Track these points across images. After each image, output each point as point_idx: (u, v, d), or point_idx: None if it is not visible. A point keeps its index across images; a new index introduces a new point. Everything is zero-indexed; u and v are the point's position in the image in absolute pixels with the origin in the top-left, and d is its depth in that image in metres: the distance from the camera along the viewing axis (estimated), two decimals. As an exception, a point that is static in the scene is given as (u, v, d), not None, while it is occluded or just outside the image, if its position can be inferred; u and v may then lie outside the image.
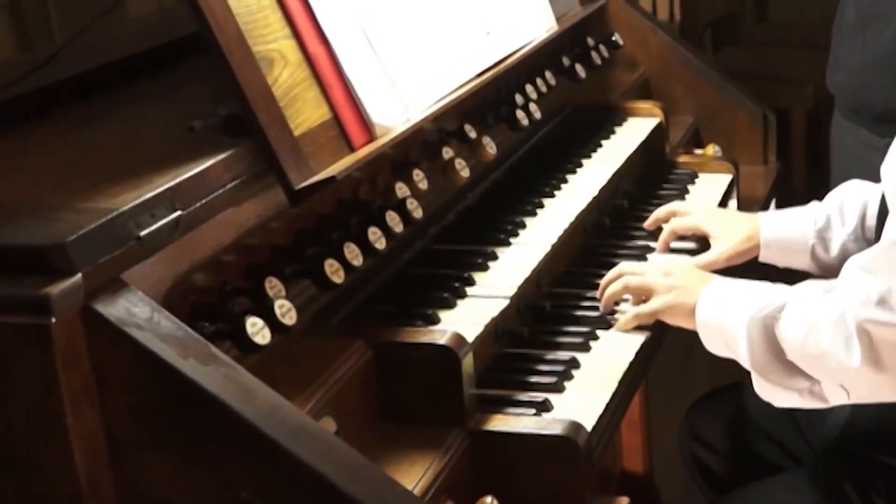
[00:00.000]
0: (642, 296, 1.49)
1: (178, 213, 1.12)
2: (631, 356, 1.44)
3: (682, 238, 1.75)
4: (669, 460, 1.87)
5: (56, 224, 1.03)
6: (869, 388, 1.25)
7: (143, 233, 1.07)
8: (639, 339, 1.48)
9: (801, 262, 1.63)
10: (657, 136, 2.09)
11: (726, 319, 1.35)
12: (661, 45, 2.36)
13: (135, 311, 1.02)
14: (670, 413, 1.77)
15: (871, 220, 1.59)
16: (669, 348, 1.64)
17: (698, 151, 2.21)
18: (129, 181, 1.13)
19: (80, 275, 0.99)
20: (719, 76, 2.35)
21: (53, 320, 0.96)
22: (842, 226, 1.60)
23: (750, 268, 1.68)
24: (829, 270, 1.62)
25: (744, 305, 1.33)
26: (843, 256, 1.59)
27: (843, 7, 2.25)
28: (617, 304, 1.54)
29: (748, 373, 1.35)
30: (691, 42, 2.71)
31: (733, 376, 1.75)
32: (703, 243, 1.72)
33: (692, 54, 2.37)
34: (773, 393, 1.32)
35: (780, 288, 1.35)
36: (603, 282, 1.54)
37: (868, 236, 1.59)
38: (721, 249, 1.64)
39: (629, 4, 2.40)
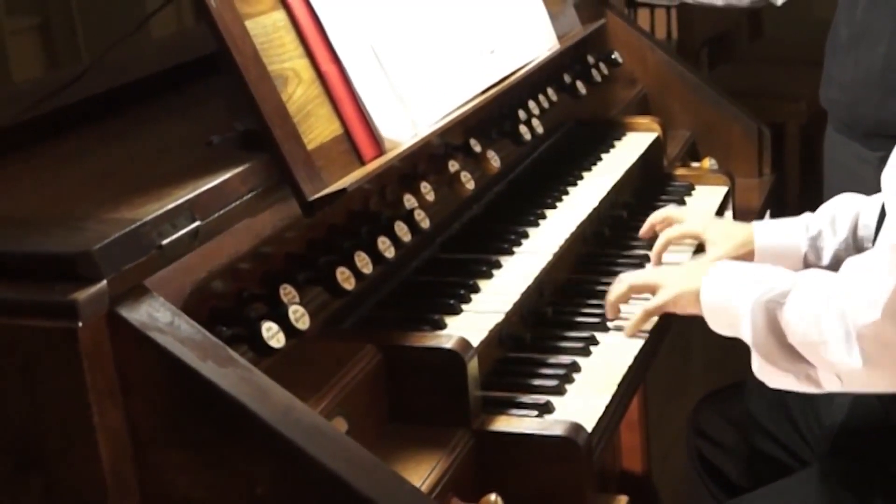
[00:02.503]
0: (648, 293, 1.49)
1: (198, 223, 1.13)
2: (630, 360, 1.44)
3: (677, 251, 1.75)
4: (667, 460, 1.87)
5: (83, 234, 1.05)
6: (863, 382, 1.24)
7: (164, 242, 1.08)
8: (637, 343, 1.48)
9: (794, 270, 1.64)
10: (655, 149, 2.10)
11: (731, 301, 1.34)
12: (659, 62, 2.37)
13: (157, 315, 1.03)
14: (668, 414, 1.76)
15: (863, 231, 1.58)
16: (667, 352, 1.65)
17: (695, 164, 2.21)
18: (151, 193, 1.14)
19: (105, 281, 1.00)
20: (715, 92, 2.35)
21: (80, 324, 0.97)
22: (833, 235, 1.60)
23: None
24: None
25: (748, 288, 1.32)
26: (835, 264, 1.58)
27: (836, 26, 2.26)
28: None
29: (748, 372, 1.35)
30: (688, 60, 2.71)
31: (729, 379, 1.75)
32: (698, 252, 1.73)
33: (689, 71, 2.38)
34: (771, 374, 1.31)
35: (785, 272, 1.34)
36: (609, 292, 1.53)
37: (858, 246, 1.59)
38: (716, 253, 1.64)
39: (628, 24, 2.41)
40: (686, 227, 1.71)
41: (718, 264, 1.44)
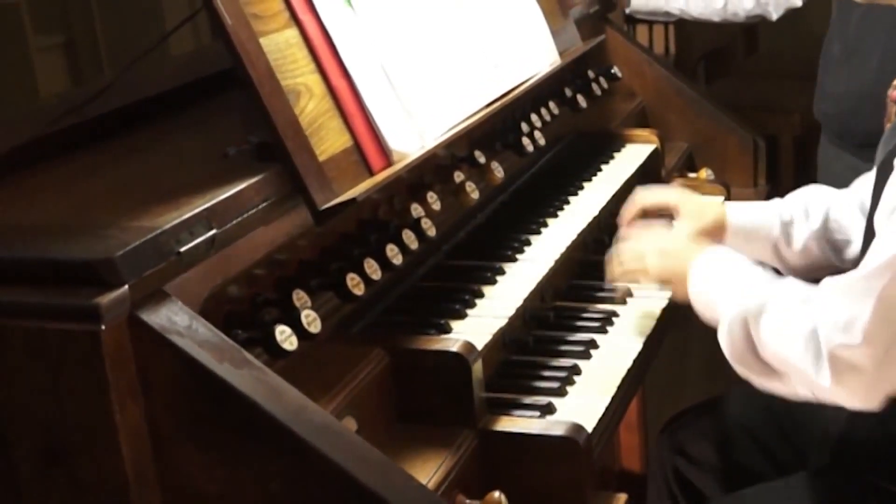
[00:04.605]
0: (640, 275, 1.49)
1: (214, 231, 1.14)
2: (629, 363, 1.45)
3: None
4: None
5: (105, 241, 1.06)
6: (832, 399, 1.23)
7: (182, 249, 1.09)
8: (636, 347, 1.49)
9: (763, 254, 1.58)
10: (653, 161, 2.11)
11: (713, 302, 1.32)
12: (657, 76, 2.37)
13: (175, 319, 1.04)
14: (666, 415, 1.76)
15: (833, 224, 1.56)
16: (665, 355, 1.65)
17: (692, 175, 2.21)
18: (170, 202, 1.16)
19: (126, 286, 1.01)
20: (712, 105, 2.36)
21: (103, 327, 0.99)
22: (806, 223, 1.57)
23: None
24: (787, 264, 1.59)
25: (728, 296, 1.30)
26: (805, 252, 1.56)
27: (829, 41, 2.27)
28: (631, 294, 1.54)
29: (734, 382, 1.34)
30: (685, 74, 2.72)
31: (724, 382, 1.75)
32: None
33: (686, 85, 2.38)
34: (753, 380, 1.30)
35: (763, 282, 1.31)
36: (612, 262, 1.53)
37: (830, 237, 1.56)
38: (686, 228, 1.57)
39: (627, 39, 2.42)
40: (661, 195, 1.68)
41: (706, 254, 1.38)
